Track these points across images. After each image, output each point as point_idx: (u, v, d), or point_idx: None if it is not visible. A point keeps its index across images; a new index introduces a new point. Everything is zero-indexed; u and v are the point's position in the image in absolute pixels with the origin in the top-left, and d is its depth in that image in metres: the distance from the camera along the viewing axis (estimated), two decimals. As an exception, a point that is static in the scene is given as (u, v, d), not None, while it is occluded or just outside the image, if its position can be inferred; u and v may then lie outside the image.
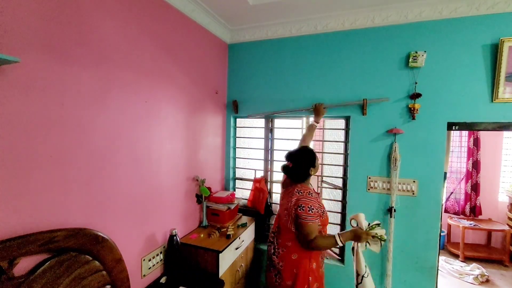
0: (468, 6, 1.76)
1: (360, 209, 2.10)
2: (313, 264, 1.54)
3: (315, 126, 2.03)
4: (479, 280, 2.93)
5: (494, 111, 1.77)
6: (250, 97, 2.45)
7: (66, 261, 1.10)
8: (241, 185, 2.67)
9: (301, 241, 1.50)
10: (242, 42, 2.45)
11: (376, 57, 2.01)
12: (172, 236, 1.70)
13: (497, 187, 3.72)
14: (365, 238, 1.48)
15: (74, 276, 1.13)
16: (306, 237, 1.45)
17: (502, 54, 1.70)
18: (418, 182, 1.94)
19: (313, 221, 1.46)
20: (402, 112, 1.96)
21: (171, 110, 1.79)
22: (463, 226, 3.44)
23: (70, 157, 1.16)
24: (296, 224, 1.50)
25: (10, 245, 0.92)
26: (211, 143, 2.34)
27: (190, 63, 1.99)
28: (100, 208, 1.32)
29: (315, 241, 1.43)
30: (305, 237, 1.45)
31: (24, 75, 0.99)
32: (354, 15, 2.01)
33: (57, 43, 1.09)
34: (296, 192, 1.56)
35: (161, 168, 1.72)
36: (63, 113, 1.13)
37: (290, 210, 1.53)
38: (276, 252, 1.62)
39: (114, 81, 1.36)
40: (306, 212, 1.45)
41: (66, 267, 1.10)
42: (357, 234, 1.48)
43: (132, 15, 1.46)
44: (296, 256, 1.54)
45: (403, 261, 2.01)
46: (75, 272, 1.13)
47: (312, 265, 1.54)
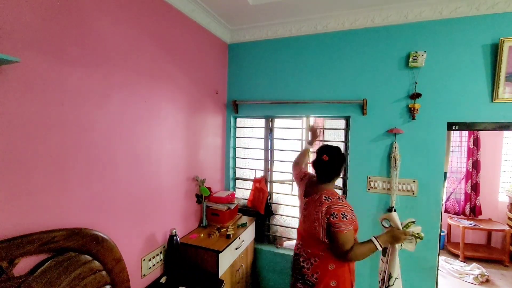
0: (468, 6, 1.76)
1: (360, 209, 2.10)
2: (352, 275, 1.44)
3: (308, 151, 1.95)
4: (479, 280, 2.93)
5: (494, 111, 1.77)
6: (250, 97, 2.45)
7: (66, 261, 1.10)
8: (241, 185, 2.67)
9: (336, 252, 1.34)
10: (242, 42, 2.45)
11: (376, 57, 2.01)
12: (172, 236, 1.70)
13: (497, 187, 3.72)
14: (403, 239, 1.38)
15: (74, 276, 1.13)
16: (343, 247, 1.30)
17: (502, 54, 1.70)
18: (418, 182, 1.94)
19: (348, 229, 1.30)
20: (402, 112, 1.96)
21: (171, 110, 1.79)
22: (463, 226, 3.44)
23: (70, 157, 1.16)
24: (329, 234, 1.34)
25: (10, 245, 0.92)
26: (211, 143, 2.34)
27: (190, 63, 1.99)
28: (100, 208, 1.32)
29: (353, 251, 1.30)
30: (340, 247, 1.31)
31: (24, 75, 0.99)
32: (354, 15, 2.01)
33: (57, 43, 1.09)
34: (324, 199, 1.38)
35: (161, 168, 1.72)
36: (63, 113, 1.13)
37: (322, 221, 1.35)
38: (308, 263, 1.45)
39: (114, 81, 1.36)
40: (340, 219, 1.30)
41: (66, 267, 1.10)
42: (395, 235, 1.38)
43: (132, 15, 1.45)
44: (334, 266, 1.38)
45: (403, 261, 1.99)
46: (75, 272, 1.13)
47: (352, 276, 1.43)
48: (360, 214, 2.09)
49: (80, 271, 1.15)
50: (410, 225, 1.43)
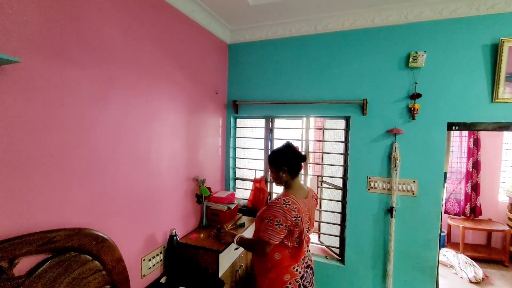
0: (468, 7, 1.76)
1: (360, 209, 2.11)
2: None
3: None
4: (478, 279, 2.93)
5: (494, 111, 1.77)
6: (250, 97, 2.45)
7: (66, 261, 1.10)
8: (241, 185, 2.67)
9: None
10: (242, 42, 2.45)
11: (376, 57, 2.01)
12: (172, 236, 1.70)
13: (497, 187, 3.72)
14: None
15: (74, 276, 1.13)
16: None
17: (502, 54, 1.70)
18: (418, 182, 1.94)
19: None
20: (402, 112, 1.96)
21: (171, 110, 1.79)
22: (463, 226, 3.44)
23: (70, 157, 1.16)
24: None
25: (10, 245, 0.92)
26: (211, 143, 2.34)
27: (190, 63, 1.99)
28: (100, 208, 1.32)
29: None
30: None
31: (24, 75, 0.99)
32: (354, 15, 2.01)
33: (58, 43, 1.09)
34: (315, 194, 1.63)
35: (161, 168, 1.72)
36: (63, 113, 1.13)
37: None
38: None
39: (115, 81, 1.36)
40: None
41: (66, 267, 1.10)
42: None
43: (132, 15, 1.46)
44: None
45: (403, 261, 2.01)
46: (75, 272, 1.13)
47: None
48: (360, 215, 2.11)
49: (80, 271, 1.15)
50: None
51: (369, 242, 2.08)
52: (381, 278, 2.06)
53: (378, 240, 2.06)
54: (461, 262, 3.15)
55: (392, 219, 1.98)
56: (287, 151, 1.52)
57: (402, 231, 1.99)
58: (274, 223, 1.30)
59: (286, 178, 1.48)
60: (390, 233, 1.98)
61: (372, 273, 2.10)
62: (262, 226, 1.35)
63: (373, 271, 2.09)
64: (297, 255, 1.40)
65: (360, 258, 2.12)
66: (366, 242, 2.09)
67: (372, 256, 2.09)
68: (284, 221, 1.30)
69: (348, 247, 2.16)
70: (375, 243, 2.07)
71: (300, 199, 1.40)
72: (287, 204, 1.33)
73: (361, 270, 2.13)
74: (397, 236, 1.99)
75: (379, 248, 2.06)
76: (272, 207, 1.34)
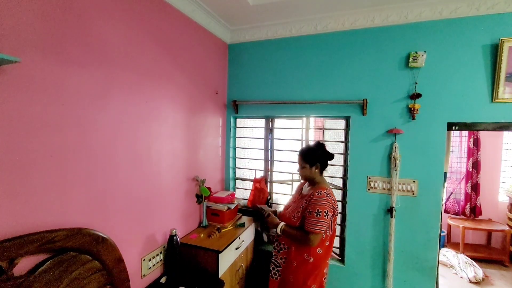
0: (468, 7, 1.76)
1: (360, 209, 2.11)
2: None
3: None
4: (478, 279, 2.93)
5: (494, 111, 1.77)
6: (250, 97, 2.45)
7: (66, 261, 1.10)
8: (241, 185, 2.67)
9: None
10: (242, 42, 2.45)
11: (376, 57, 2.01)
12: (172, 236, 1.69)
13: (497, 187, 3.72)
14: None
15: (74, 276, 1.13)
16: None
17: (502, 54, 1.70)
18: (418, 182, 1.94)
19: None
20: (402, 112, 1.96)
21: (171, 110, 1.79)
22: (463, 226, 3.44)
23: (70, 157, 1.16)
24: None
25: (10, 245, 0.92)
26: (211, 143, 2.34)
27: (190, 63, 1.99)
28: (100, 208, 1.32)
29: None
30: None
31: (24, 75, 0.99)
32: (354, 15, 2.01)
33: (58, 43, 1.09)
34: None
35: (161, 168, 1.72)
36: (63, 113, 1.13)
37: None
38: None
39: (115, 81, 1.36)
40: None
41: (66, 267, 1.10)
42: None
43: (132, 15, 1.46)
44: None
45: (403, 261, 2.01)
46: (75, 272, 1.13)
47: None
48: (360, 214, 2.11)
49: (80, 271, 1.15)
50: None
51: (369, 242, 2.08)
52: (381, 278, 2.06)
53: (378, 240, 2.06)
54: (461, 262, 3.15)
55: (392, 219, 1.98)
56: (320, 149, 1.67)
57: (402, 231, 1.99)
58: (323, 215, 1.50)
59: (316, 174, 1.66)
60: (390, 233, 1.98)
61: (372, 273, 2.10)
62: (311, 220, 1.51)
63: (373, 271, 2.09)
64: (332, 241, 1.64)
65: (360, 258, 2.12)
66: (366, 242, 2.09)
67: (372, 256, 2.09)
68: (330, 211, 1.53)
69: (348, 247, 2.16)
70: (375, 243, 2.07)
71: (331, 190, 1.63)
72: (329, 195, 1.55)
73: (361, 270, 2.13)
74: (397, 236, 1.99)
75: (379, 248, 2.06)
76: (317, 201, 1.52)
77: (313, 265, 1.58)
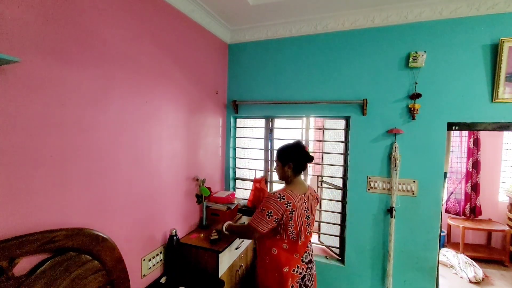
0: (468, 7, 1.76)
1: (360, 209, 2.11)
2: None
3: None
4: (478, 279, 2.93)
5: (494, 111, 1.77)
6: (250, 97, 2.45)
7: (66, 261, 1.10)
8: (241, 185, 2.67)
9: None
10: (242, 42, 2.45)
11: (376, 57, 2.01)
12: (172, 236, 1.70)
13: (497, 187, 3.72)
14: None
15: (74, 276, 1.13)
16: None
17: (502, 54, 1.70)
18: (418, 182, 1.94)
19: None
20: (402, 112, 1.96)
21: (171, 110, 1.79)
22: (463, 226, 3.44)
23: (70, 157, 1.16)
24: None
25: (10, 245, 0.92)
26: (211, 143, 2.34)
27: (190, 63, 1.99)
28: (100, 208, 1.32)
29: None
30: None
31: (24, 75, 0.99)
32: (354, 15, 2.01)
33: (58, 43, 1.09)
34: (315, 193, 1.69)
35: (161, 168, 1.72)
36: (63, 113, 1.13)
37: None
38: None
39: (115, 81, 1.36)
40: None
41: (66, 267, 1.10)
42: None
43: (132, 15, 1.46)
44: None
45: (403, 261, 2.01)
46: (75, 272, 1.13)
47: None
48: (360, 215, 2.11)
49: (80, 271, 1.15)
50: None
51: (369, 242, 2.08)
52: (381, 278, 2.06)
53: (378, 240, 2.06)
54: (461, 262, 3.15)
55: (392, 219, 1.98)
56: (296, 149, 1.58)
57: (402, 231, 1.99)
58: (265, 214, 1.41)
59: (290, 174, 1.55)
60: (390, 233, 1.98)
61: (372, 273, 2.10)
62: (254, 214, 1.46)
63: (373, 271, 2.09)
64: (294, 249, 1.46)
65: (360, 258, 2.12)
66: (366, 242, 2.09)
67: (372, 256, 2.09)
68: (275, 213, 1.40)
69: (348, 247, 2.16)
70: (375, 243, 2.07)
71: (297, 195, 1.46)
72: (282, 198, 1.41)
73: (361, 270, 2.13)
74: (397, 236, 1.99)
75: (379, 248, 2.06)
76: (267, 199, 1.44)
77: (269, 265, 1.49)
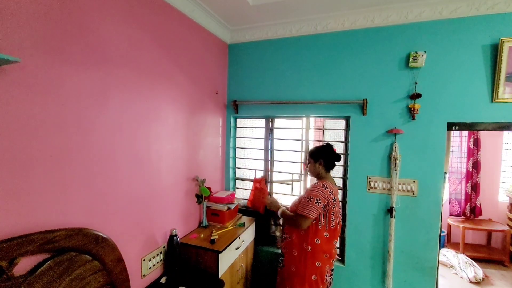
0: (468, 7, 1.76)
1: (360, 209, 2.11)
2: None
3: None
4: (478, 279, 2.93)
5: (494, 111, 1.77)
6: (250, 97, 2.45)
7: (66, 261, 1.10)
8: (241, 185, 2.67)
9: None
10: (242, 42, 2.45)
11: (376, 57, 2.01)
12: (172, 236, 1.70)
13: (497, 187, 3.72)
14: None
15: (74, 276, 1.13)
16: None
17: (502, 54, 1.70)
18: (418, 182, 1.94)
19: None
20: (402, 112, 1.96)
21: (171, 110, 1.79)
22: (463, 226, 3.44)
23: (70, 157, 1.16)
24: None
25: (10, 245, 0.92)
26: (211, 143, 2.34)
27: (190, 63, 1.99)
28: (100, 208, 1.32)
29: None
30: None
31: (24, 75, 0.99)
32: (354, 15, 2.01)
33: (58, 43, 1.09)
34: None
35: (161, 168, 1.72)
36: (63, 113, 1.13)
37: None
38: None
39: (115, 82, 1.36)
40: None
41: (66, 267, 1.10)
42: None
43: (132, 15, 1.46)
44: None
45: (403, 261, 2.01)
46: (75, 272, 1.13)
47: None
48: (360, 215, 2.11)
49: (80, 271, 1.15)
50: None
51: (369, 242, 2.08)
52: (381, 278, 2.06)
53: (378, 240, 2.06)
54: (461, 262, 3.15)
55: (392, 219, 1.98)
56: (326, 149, 1.78)
57: (402, 231, 1.99)
58: (314, 201, 1.60)
59: (322, 171, 1.75)
60: (390, 233, 1.98)
61: (372, 273, 2.10)
62: (302, 203, 1.64)
63: (373, 271, 2.09)
64: (334, 235, 1.68)
65: (360, 258, 2.12)
66: (366, 242, 2.09)
67: (372, 256, 2.09)
68: (322, 200, 1.60)
69: (348, 247, 2.16)
70: (375, 243, 2.07)
71: (334, 187, 1.72)
72: (325, 187, 1.64)
73: (361, 270, 2.13)
74: (397, 236, 1.99)
75: (379, 248, 2.06)
76: (312, 189, 1.64)
77: (311, 254, 1.64)
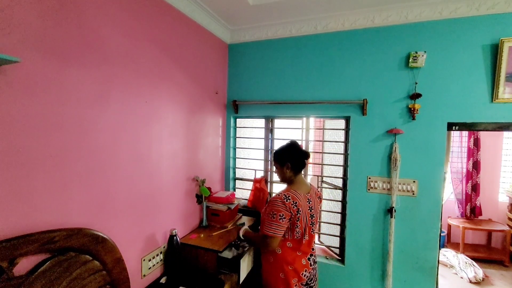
0: (468, 7, 1.76)
1: (360, 209, 2.11)
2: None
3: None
4: (478, 279, 2.93)
5: (494, 111, 1.77)
6: (250, 97, 2.45)
7: (66, 261, 1.10)
8: (241, 185, 2.67)
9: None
10: (242, 42, 2.45)
11: (376, 57, 2.01)
12: (172, 236, 1.69)
13: (497, 187, 3.72)
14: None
15: (74, 276, 1.13)
16: None
17: (502, 54, 1.70)
18: (418, 182, 1.94)
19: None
20: (402, 112, 1.96)
21: (171, 110, 1.79)
22: (463, 226, 3.44)
23: (70, 157, 1.16)
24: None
25: (10, 245, 0.92)
26: (211, 143, 2.34)
27: (190, 63, 1.99)
28: (100, 208, 1.32)
29: None
30: None
31: (24, 75, 0.99)
32: (354, 16, 2.01)
33: (58, 43, 1.09)
34: (319, 192, 1.72)
35: (161, 168, 1.72)
36: (63, 113, 1.13)
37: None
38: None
39: (115, 81, 1.36)
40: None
41: (66, 267, 1.10)
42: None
43: (132, 15, 1.46)
44: None
45: (403, 261, 2.01)
46: (75, 272, 1.13)
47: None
48: (360, 215, 2.11)
49: (80, 271, 1.15)
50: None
51: (369, 242, 2.08)
52: (381, 278, 2.06)
53: (378, 240, 2.06)
54: (461, 262, 3.15)
55: (392, 219, 1.98)
56: (291, 148, 1.61)
57: (402, 231, 1.99)
58: (277, 218, 1.40)
59: (290, 174, 1.56)
60: (390, 233, 1.98)
61: (372, 273, 2.10)
62: (266, 222, 1.44)
63: (373, 271, 2.09)
64: (298, 247, 1.49)
65: (360, 258, 2.12)
66: (366, 242, 2.09)
67: (372, 256, 2.09)
68: (286, 215, 1.40)
69: (348, 247, 2.16)
70: (375, 243, 2.07)
71: (301, 194, 1.48)
72: (287, 199, 1.43)
73: (361, 270, 2.13)
74: (397, 236, 1.99)
75: (379, 248, 2.06)
76: (274, 203, 1.43)
77: (274, 264, 1.50)
